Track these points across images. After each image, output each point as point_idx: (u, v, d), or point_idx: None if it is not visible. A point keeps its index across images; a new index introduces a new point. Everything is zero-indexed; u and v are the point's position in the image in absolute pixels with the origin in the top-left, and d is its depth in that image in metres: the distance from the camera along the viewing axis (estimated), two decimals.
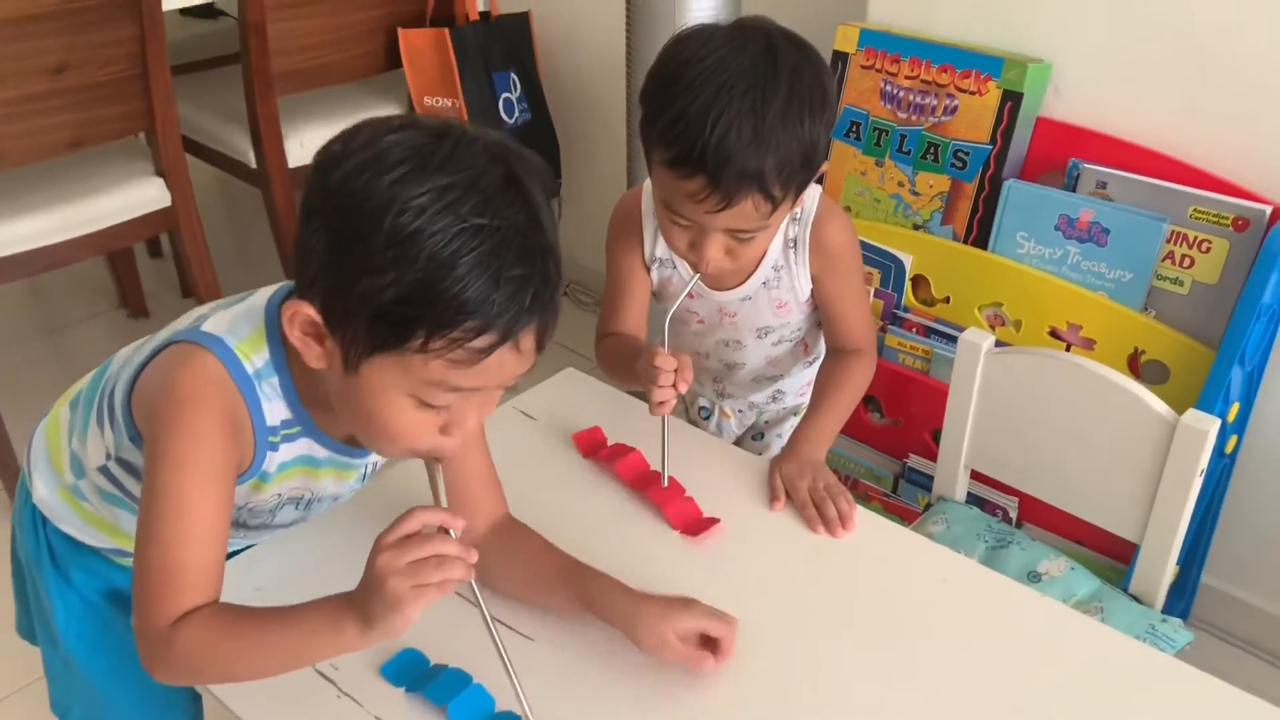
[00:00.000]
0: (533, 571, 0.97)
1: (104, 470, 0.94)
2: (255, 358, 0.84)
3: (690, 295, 1.27)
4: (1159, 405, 1.16)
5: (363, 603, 0.75)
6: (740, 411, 1.45)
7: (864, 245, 1.72)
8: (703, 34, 1.04)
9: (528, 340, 0.77)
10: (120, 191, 1.98)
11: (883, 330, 1.70)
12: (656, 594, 0.92)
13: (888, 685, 0.90)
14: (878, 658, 0.93)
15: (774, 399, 1.42)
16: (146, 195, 2.00)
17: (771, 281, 1.25)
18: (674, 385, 1.07)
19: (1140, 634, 1.18)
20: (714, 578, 1.01)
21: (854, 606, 0.98)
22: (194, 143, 2.24)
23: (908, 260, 1.67)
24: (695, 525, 1.07)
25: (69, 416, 0.99)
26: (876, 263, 1.70)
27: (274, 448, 0.88)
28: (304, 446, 0.90)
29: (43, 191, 1.93)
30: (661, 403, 1.08)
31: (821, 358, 1.34)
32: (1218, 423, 1.12)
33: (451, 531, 0.75)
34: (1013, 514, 1.54)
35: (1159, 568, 1.21)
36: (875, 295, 1.71)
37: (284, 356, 0.85)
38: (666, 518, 1.07)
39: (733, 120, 0.98)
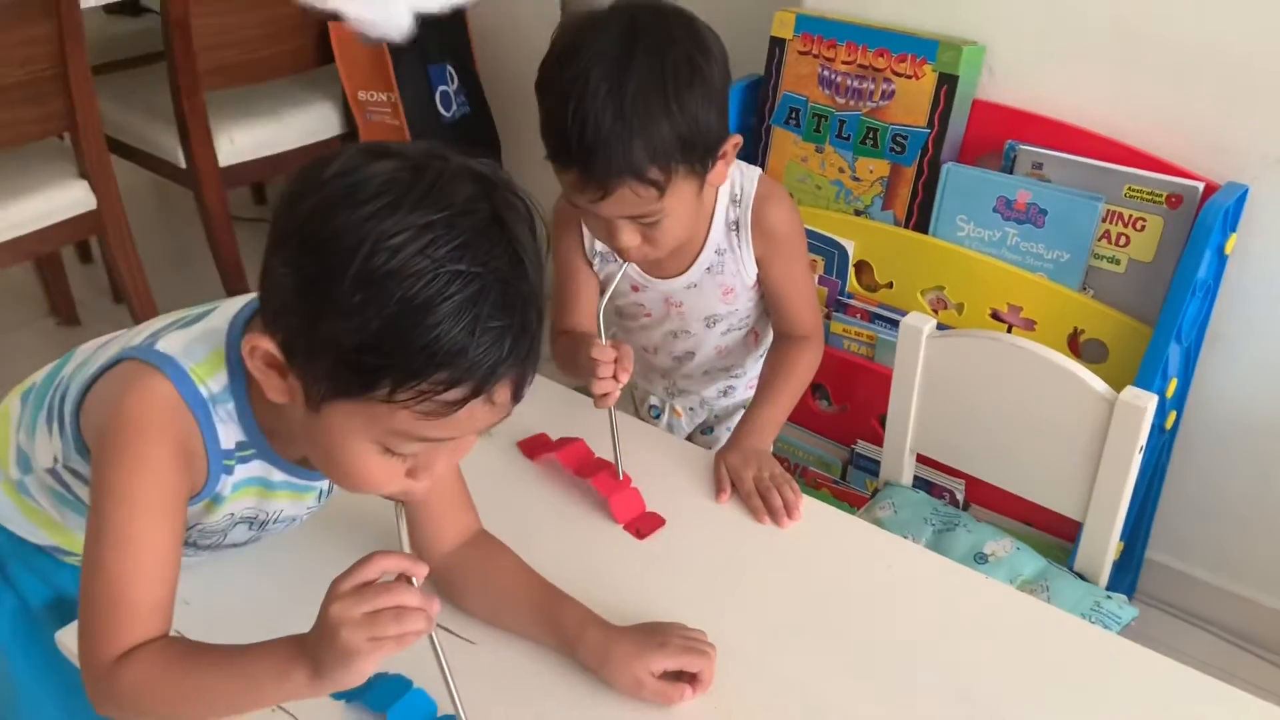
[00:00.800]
0: (504, 595, 0.93)
1: (53, 473, 0.91)
2: (211, 382, 0.80)
3: (635, 289, 1.25)
4: (1098, 384, 1.17)
5: (314, 651, 0.70)
6: (691, 409, 1.44)
7: (807, 232, 1.72)
8: (573, 21, 1.03)
9: (503, 393, 0.72)
10: (43, 195, 1.92)
11: (827, 317, 1.69)
12: (629, 625, 0.89)
13: (838, 676, 0.89)
14: (827, 648, 0.92)
15: (725, 394, 1.41)
16: (70, 198, 1.94)
17: (715, 266, 1.23)
18: (614, 376, 1.04)
19: (1085, 611, 1.19)
20: (661, 575, 0.99)
21: (802, 598, 0.97)
22: (121, 144, 2.17)
23: (850, 246, 1.67)
24: (640, 524, 1.05)
25: (18, 410, 0.95)
26: (819, 249, 1.70)
27: (228, 471, 0.84)
28: (258, 468, 0.86)
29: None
30: (605, 394, 1.05)
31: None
32: (1155, 399, 1.13)
33: (414, 580, 0.70)
34: (959, 496, 1.55)
35: (1102, 545, 1.22)
36: (819, 282, 1.70)
37: (244, 383, 0.81)
38: (611, 511, 1.06)
39: (589, 110, 0.96)
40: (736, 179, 1.21)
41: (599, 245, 1.23)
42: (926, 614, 0.96)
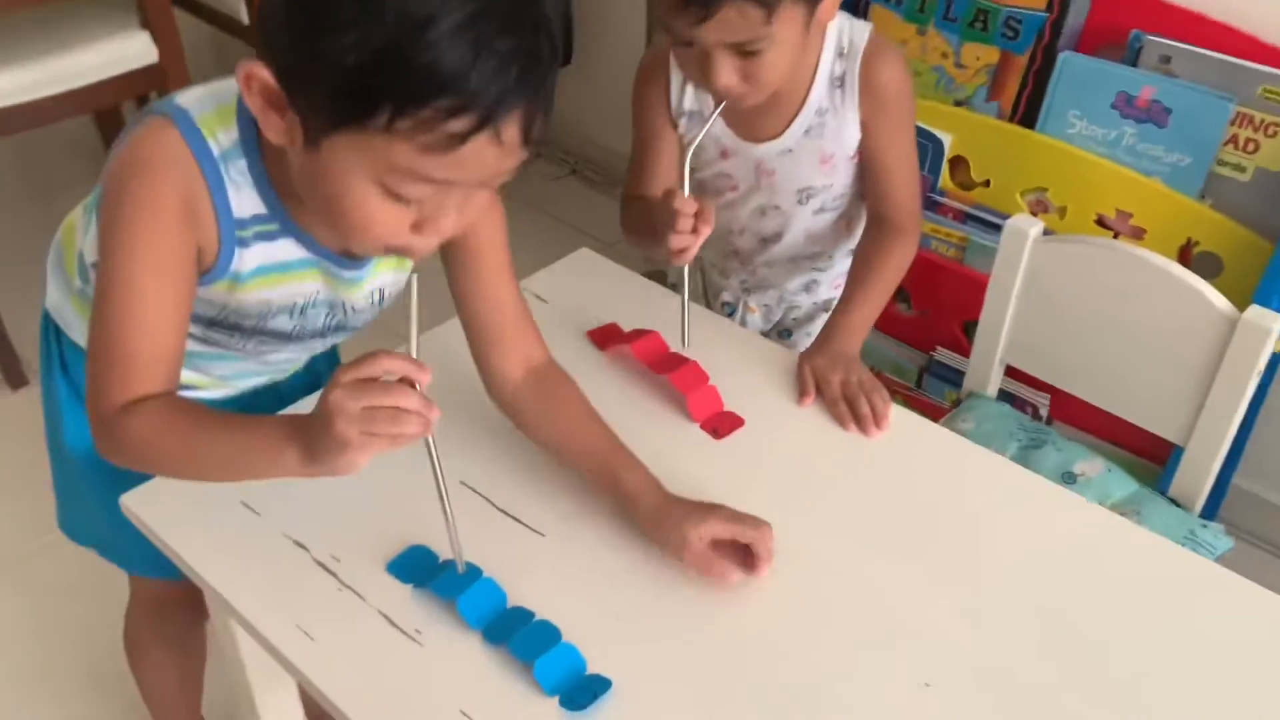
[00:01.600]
0: (567, 439, 0.91)
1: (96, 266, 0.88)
2: (222, 135, 0.76)
3: (723, 154, 1.17)
4: (1220, 301, 1.08)
5: (309, 434, 0.69)
6: (767, 306, 1.35)
7: None
8: None
9: (511, 130, 0.66)
10: (104, 46, 1.85)
11: None
12: (688, 499, 0.86)
13: (915, 589, 0.84)
14: (905, 560, 0.87)
15: (808, 289, 1.32)
16: (132, 50, 1.88)
17: (815, 129, 1.14)
18: (694, 230, 0.98)
19: (1179, 539, 1.12)
20: (737, 477, 0.94)
21: (881, 507, 0.92)
22: None
23: (947, 140, 1.56)
24: (718, 423, 1.00)
25: (82, 217, 0.92)
26: None
27: (243, 243, 0.80)
28: (284, 250, 0.82)
29: (23, 45, 1.81)
30: (682, 250, 0.99)
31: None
32: None
33: (417, 385, 0.68)
34: (1043, 411, 1.48)
35: (1202, 472, 1.15)
36: None
37: (256, 139, 0.76)
38: (688, 409, 1.00)
39: None
40: (845, 29, 1.12)
41: (687, 103, 1.15)
42: (1014, 529, 0.90)
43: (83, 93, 1.86)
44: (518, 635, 0.79)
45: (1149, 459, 1.43)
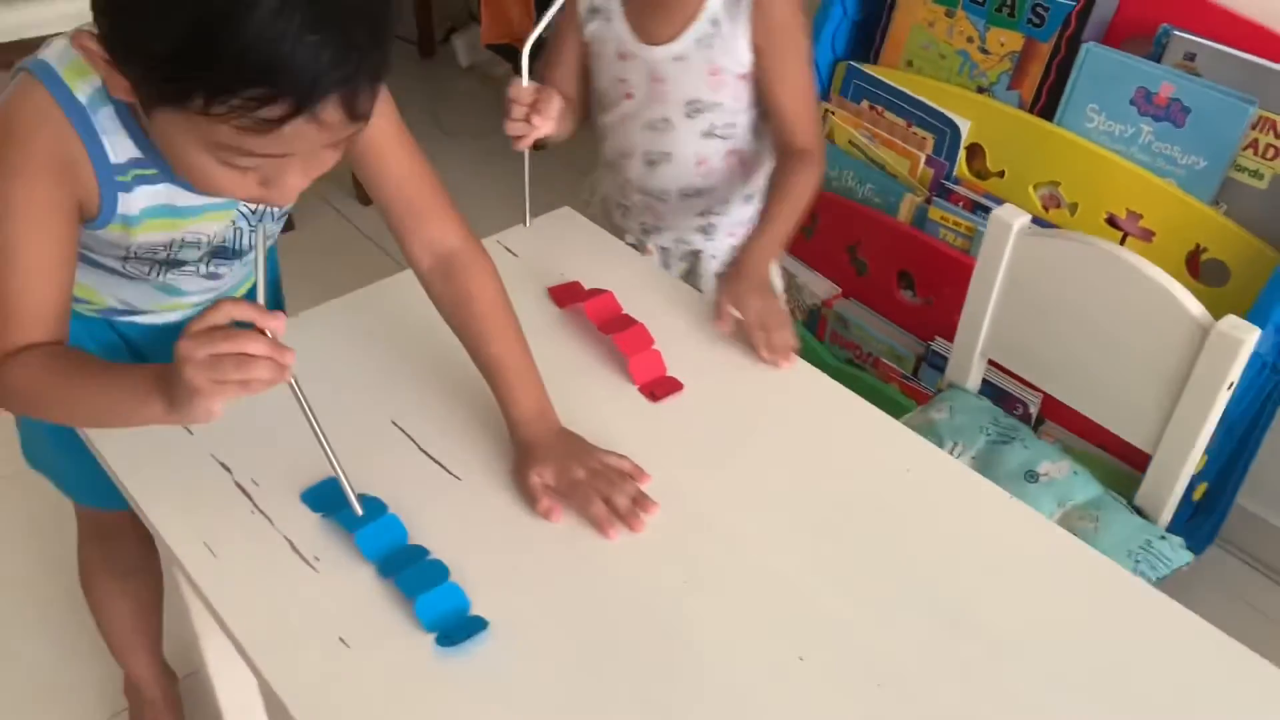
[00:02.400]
0: (471, 336, 0.93)
1: None
2: (84, 85, 0.78)
3: (621, 56, 1.19)
4: (1194, 307, 1.04)
5: (168, 384, 0.71)
6: (665, 249, 1.34)
7: (920, 105, 1.58)
8: None
9: (330, 111, 0.67)
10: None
11: (927, 201, 1.57)
12: (576, 436, 0.90)
13: (822, 573, 0.84)
14: (818, 542, 0.86)
15: (704, 231, 1.31)
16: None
17: (706, 39, 1.17)
18: (528, 119, 1.04)
19: (1132, 549, 1.10)
20: (665, 440, 0.95)
21: (806, 487, 0.91)
22: None
23: (965, 126, 1.52)
24: (655, 387, 1.01)
25: None
26: (930, 125, 1.56)
27: (125, 188, 0.82)
28: (164, 193, 0.84)
29: None
30: (518, 137, 1.05)
31: (757, 196, 1.29)
32: (1257, 332, 1.00)
33: (266, 331, 0.69)
34: (1033, 410, 1.44)
35: (1168, 482, 1.12)
36: (925, 163, 1.57)
37: None
38: (629, 370, 1.01)
39: None
40: None
41: (597, 0, 1.19)
42: (937, 527, 0.89)
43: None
44: (407, 571, 0.81)
45: (1135, 467, 1.39)
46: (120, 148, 0.80)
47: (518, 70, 1.08)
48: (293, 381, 0.72)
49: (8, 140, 0.77)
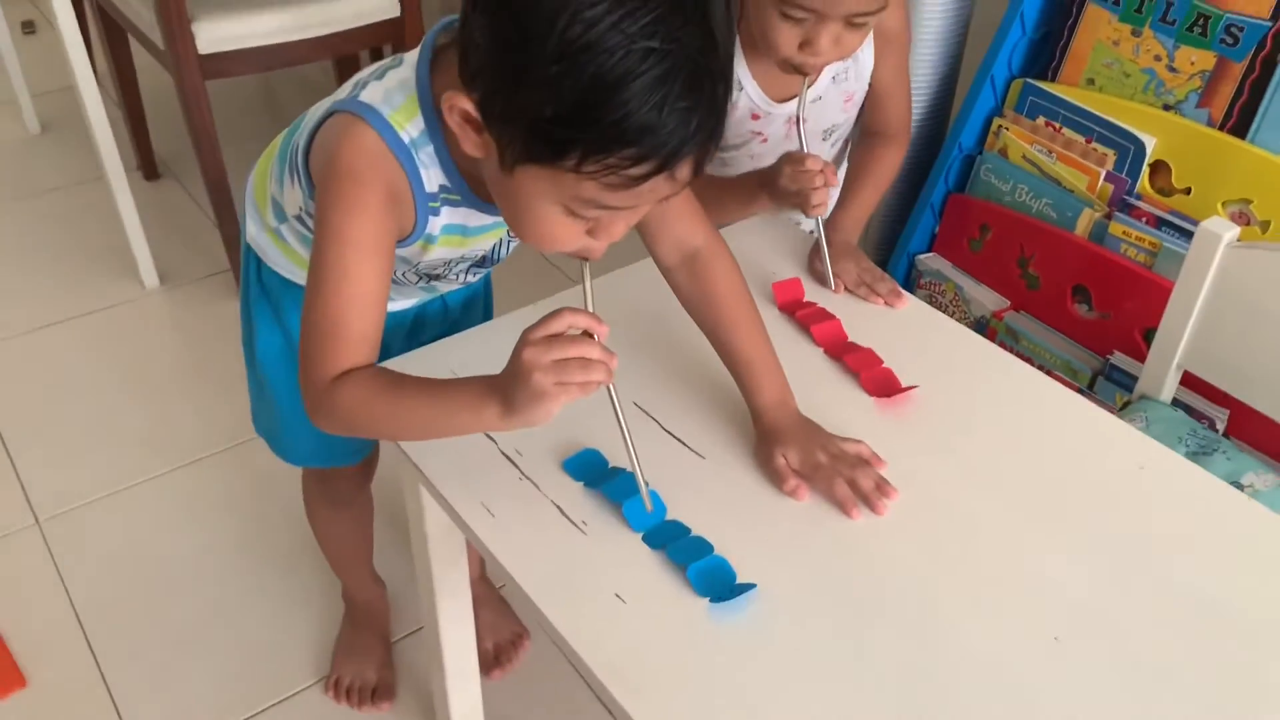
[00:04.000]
0: (712, 327, 0.99)
1: (299, 219, 1.02)
2: (410, 127, 0.85)
3: (755, 116, 1.25)
4: None
5: (506, 390, 0.77)
6: None
7: (1103, 122, 1.60)
8: None
9: (684, 169, 0.74)
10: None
11: (1108, 217, 1.58)
12: (811, 422, 0.95)
13: (1063, 551, 0.87)
14: (1056, 528, 0.89)
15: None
16: (377, 4, 2.06)
17: (841, 75, 1.24)
18: (825, 185, 1.10)
19: None
20: (902, 431, 0.99)
21: (1042, 477, 0.95)
22: None
23: (1150, 143, 1.54)
24: (888, 389, 1.04)
25: (273, 165, 1.06)
26: (1112, 142, 1.57)
27: (435, 212, 0.90)
28: (461, 214, 0.92)
29: None
30: (821, 203, 1.10)
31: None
32: None
33: (596, 336, 0.76)
34: (1220, 426, 1.44)
35: None
36: (1105, 179, 1.59)
37: (439, 126, 0.85)
38: (861, 384, 1.05)
39: None
40: None
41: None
42: (1176, 519, 0.91)
43: (330, 39, 2.05)
44: (676, 544, 0.86)
45: None
46: (434, 178, 0.88)
47: None
48: (611, 384, 0.78)
49: (354, 180, 0.84)
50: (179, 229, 2.40)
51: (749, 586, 0.83)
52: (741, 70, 1.23)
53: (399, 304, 1.13)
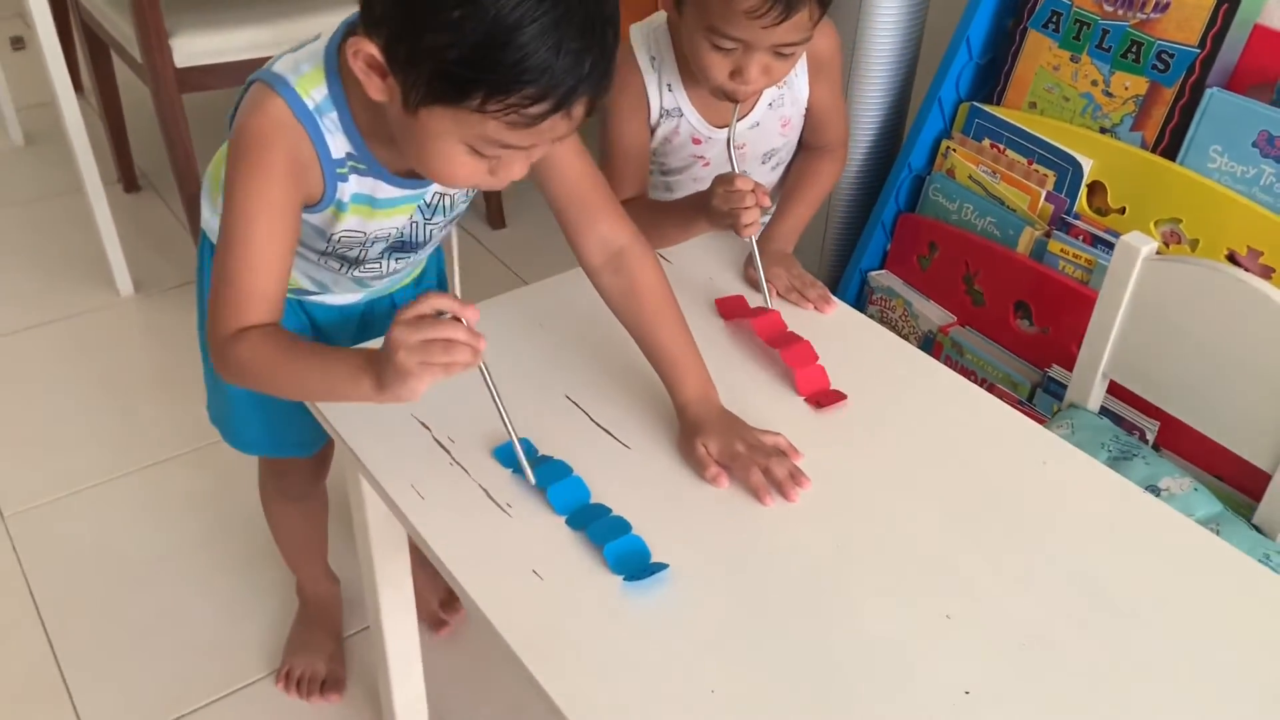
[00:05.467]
0: (638, 326, 1.03)
1: None
2: (314, 92, 0.90)
3: (696, 141, 1.30)
4: None
5: (379, 366, 0.81)
6: None
7: (1044, 144, 1.66)
8: None
9: (579, 108, 0.80)
10: (331, 14, 2.10)
11: (1047, 235, 1.64)
12: (731, 414, 0.99)
13: (966, 542, 0.91)
14: (961, 520, 0.94)
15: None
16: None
17: (777, 101, 1.30)
18: (756, 205, 1.13)
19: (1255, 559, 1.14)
20: (822, 428, 1.04)
21: (951, 473, 0.99)
22: None
23: (1087, 165, 1.60)
24: (822, 397, 1.08)
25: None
26: (1052, 163, 1.63)
27: (343, 179, 0.94)
28: (370, 185, 0.96)
29: (262, 7, 2.07)
30: (751, 223, 1.13)
31: None
32: None
33: (463, 320, 0.80)
34: (1150, 436, 1.49)
35: None
36: (1045, 199, 1.65)
37: (342, 93, 0.90)
38: (795, 382, 1.09)
39: None
40: None
41: (666, 103, 1.28)
42: (1071, 511, 0.96)
43: None
44: (596, 524, 0.91)
45: (1251, 495, 1.43)
46: (339, 145, 0.92)
47: None
48: (483, 364, 0.83)
49: (256, 145, 0.88)
50: (155, 239, 2.45)
51: (661, 566, 0.87)
52: (681, 98, 1.29)
53: (339, 298, 1.17)
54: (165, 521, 1.73)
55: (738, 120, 1.27)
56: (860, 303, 1.90)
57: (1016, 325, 1.69)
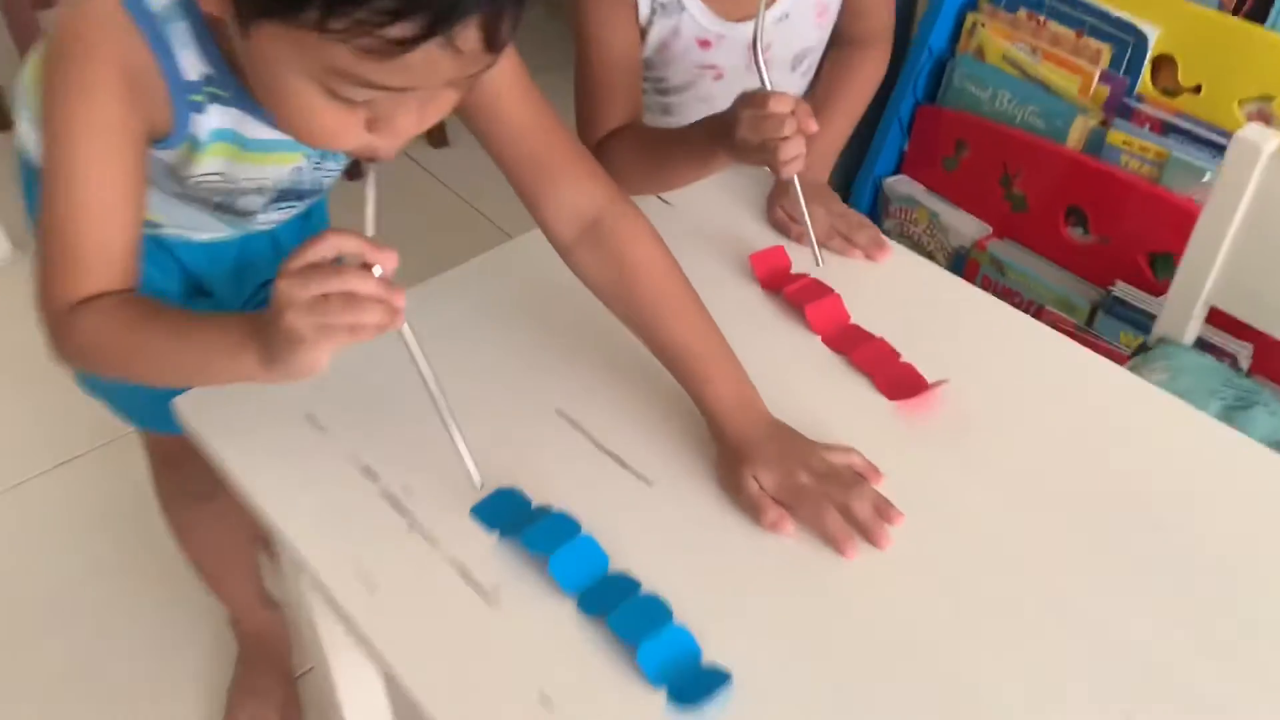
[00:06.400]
0: (639, 318, 0.78)
1: None
2: None
3: (702, 43, 1.00)
4: None
5: (265, 333, 0.61)
6: None
7: (1096, 11, 1.38)
8: None
9: (468, 36, 0.57)
10: None
11: (1104, 124, 1.37)
12: (785, 426, 0.74)
13: (1117, 586, 0.67)
14: (1107, 550, 0.70)
15: None
16: None
17: None
18: (799, 132, 0.82)
19: None
20: (903, 428, 0.78)
21: (1078, 475, 0.75)
22: None
23: (1153, 34, 1.32)
24: (907, 388, 0.81)
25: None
26: (1108, 35, 1.36)
27: (198, 108, 0.71)
28: (235, 119, 0.73)
29: None
30: (795, 157, 0.83)
31: None
32: None
33: (375, 269, 0.58)
34: (1243, 362, 1.26)
35: None
36: (1101, 79, 1.37)
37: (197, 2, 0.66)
38: (875, 384, 0.82)
39: None
40: None
41: None
42: (1219, 496, 0.72)
43: None
44: (620, 609, 0.65)
45: None
46: (192, 64, 0.70)
47: None
48: (405, 329, 0.62)
49: (74, 52, 0.67)
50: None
51: (722, 678, 0.62)
52: None
53: (205, 234, 0.90)
54: (75, 537, 1.46)
55: (752, 16, 0.94)
56: (875, 215, 1.64)
57: (1069, 235, 1.43)
